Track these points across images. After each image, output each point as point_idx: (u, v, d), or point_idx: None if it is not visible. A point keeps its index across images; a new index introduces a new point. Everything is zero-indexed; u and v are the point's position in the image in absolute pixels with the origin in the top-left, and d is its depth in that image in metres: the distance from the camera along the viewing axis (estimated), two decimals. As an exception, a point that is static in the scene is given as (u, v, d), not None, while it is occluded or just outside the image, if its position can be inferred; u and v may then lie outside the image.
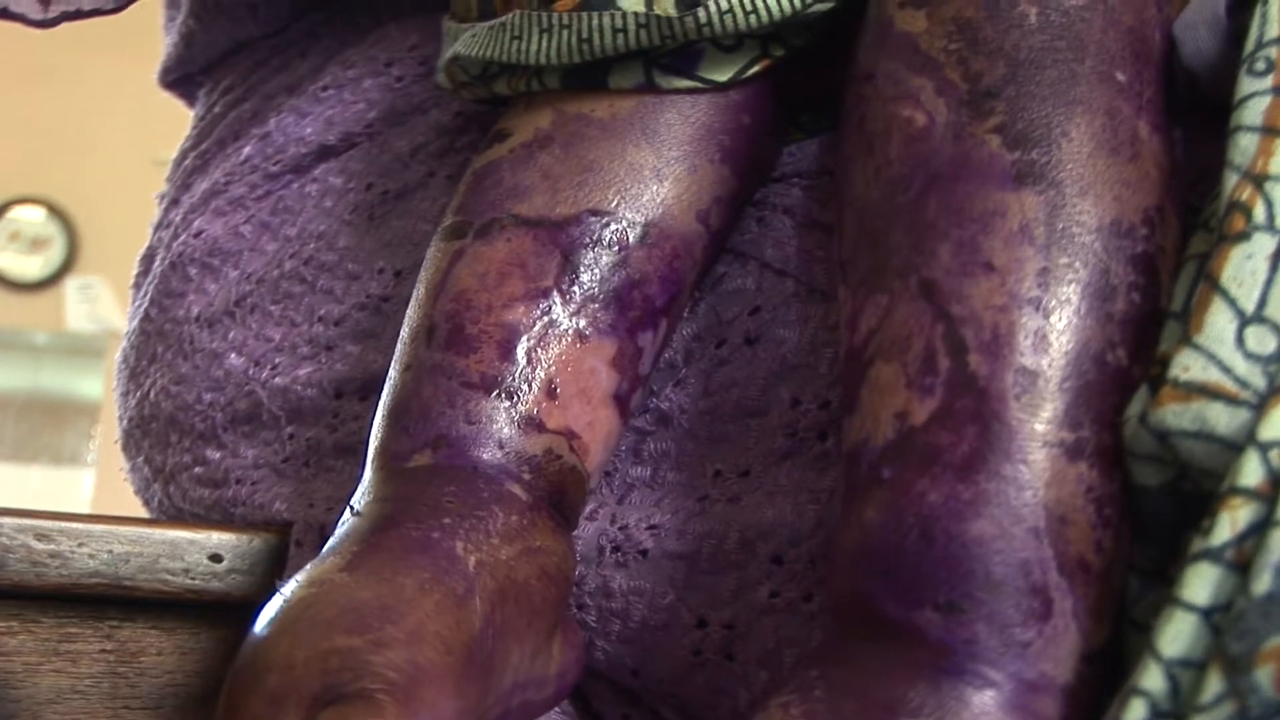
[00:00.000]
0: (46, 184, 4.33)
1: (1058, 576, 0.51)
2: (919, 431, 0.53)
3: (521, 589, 0.57)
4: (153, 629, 0.69)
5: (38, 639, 0.68)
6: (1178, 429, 0.51)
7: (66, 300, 4.31)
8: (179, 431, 0.80)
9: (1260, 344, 0.51)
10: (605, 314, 0.62)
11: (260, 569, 0.70)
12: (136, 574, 0.68)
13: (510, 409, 0.60)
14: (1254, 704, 0.46)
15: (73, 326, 4.31)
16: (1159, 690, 0.48)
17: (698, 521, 0.63)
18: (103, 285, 4.29)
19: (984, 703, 0.50)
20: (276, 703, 0.50)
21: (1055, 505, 0.51)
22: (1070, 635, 0.51)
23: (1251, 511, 0.49)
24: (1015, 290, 0.53)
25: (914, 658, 0.51)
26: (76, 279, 4.32)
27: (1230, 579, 0.48)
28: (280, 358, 0.76)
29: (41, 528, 0.67)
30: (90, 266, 4.32)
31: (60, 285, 4.33)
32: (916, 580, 0.51)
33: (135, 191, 3.55)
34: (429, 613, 0.53)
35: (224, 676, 0.69)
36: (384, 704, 0.49)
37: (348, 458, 0.73)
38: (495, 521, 0.57)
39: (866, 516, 0.53)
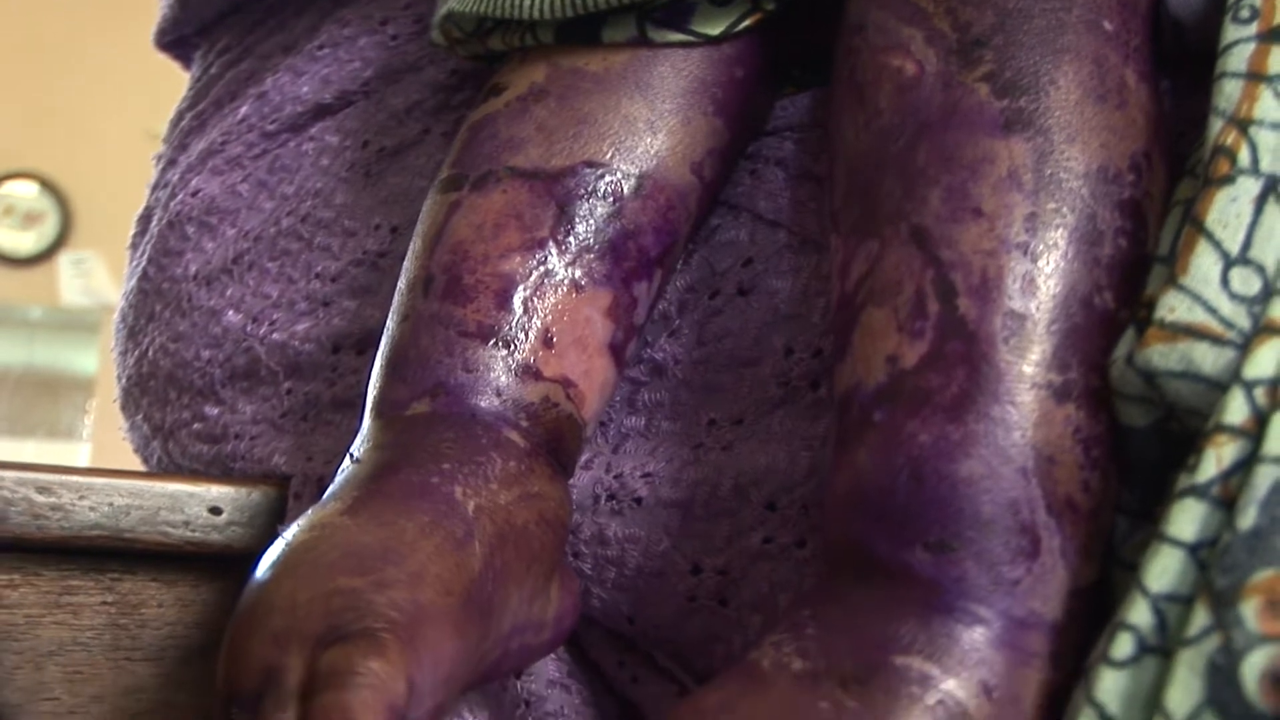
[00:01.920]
0: (39, 159, 4.32)
1: (1046, 515, 0.52)
2: (909, 374, 0.54)
3: (520, 533, 0.57)
4: (153, 581, 0.70)
5: (39, 591, 0.68)
6: (1164, 369, 0.52)
7: (60, 275, 4.31)
8: (178, 389, 0.81)
9: (1245, 285, 0.52)
10: (600, 264, 0.62)
11: (260, 521, 0.71)
12: (137, 526, 0.68)
13: (507, 357, 0.61)
14: (1238, 636, 0.47)
15: (67, 301, 4.31)
16: (1146, 624, 0.49)
17: (692, 469, 0.64)
18: (96, 259, 4.28)
19: (973, 639, 0.51)
20: (280, 643, 0.51)
21: (1043, 446, 0.52)
22: (1058, 573, 0.52)
23: (1237, 448, 0.49)
24: (1004, 235, 0.54)
25: (905, 596, 0.52)
26: (70, 253, 4.31)
27: (1216, 515, 0.49)
28: (278, 314, 0.77)
29: (43, 481, 0.68)
30: (84, 241, 4.31)
31: (54, 260, 4.33)
32: (907, 520, 0.52)
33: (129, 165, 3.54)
34: (429, 555, 0.53)
35: (224, 628, 0.70)
36: (387, 642, 0.50)
37: (346, 412, 0.74)
38: (493, 467, 0.58)
39: (858, 459, 0.54)
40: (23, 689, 0.68)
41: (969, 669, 0.50)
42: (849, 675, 0.50)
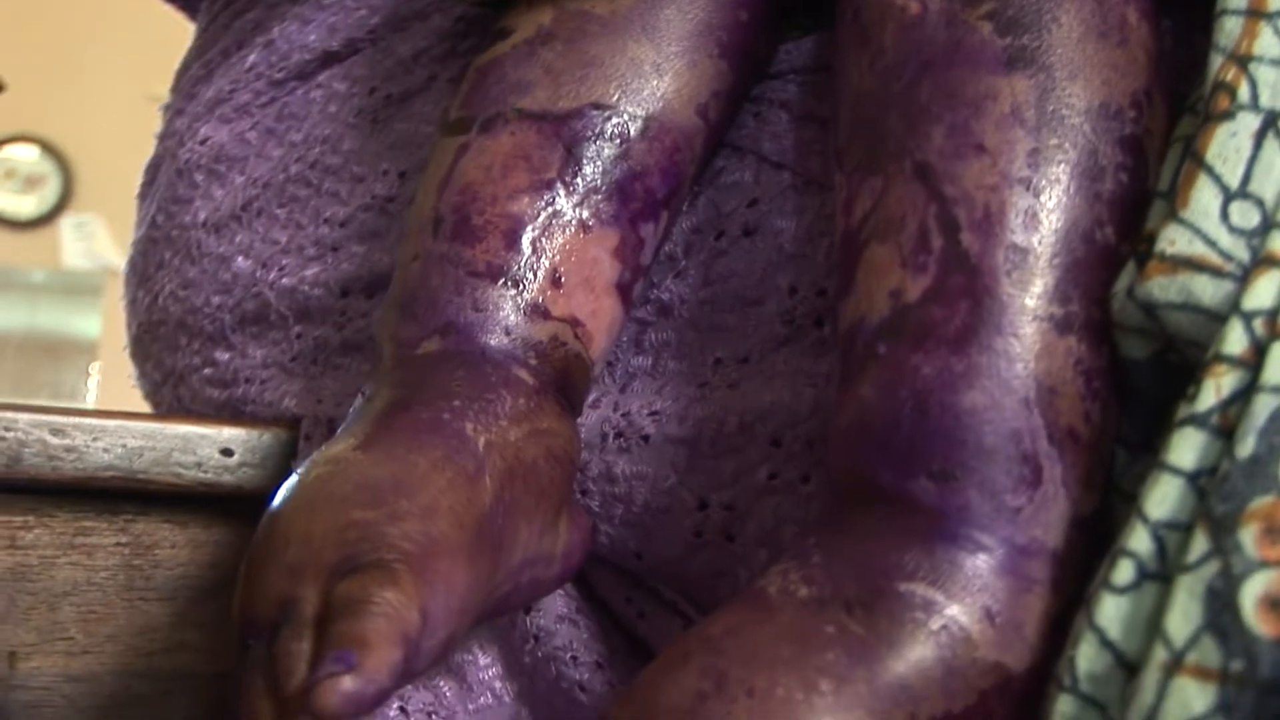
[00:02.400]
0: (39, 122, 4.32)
1: (1047, 445, 0.53)
2: (913, 308, 0.54)
3: (529, 469, 0.58)
4: (166, 523, 0.71)
5: (54, 533, 0.69)
6: (1164, 301, 0.52)
7: (62, 238, 4.32)
8: (188, 334, 0.81)
9: (1244, 218, 0.52)
10: (607, 205, 0.63)
11: (271, 463, 0.71)
12: (150, 468, 0.69)
13: (516, 297, 0.61)
14: (1237, 562, 0.48)
15: (69, 264, 4.32)
16: (1146, 551, 0.50)
17: (698, 407, 0.64)
18: (98, 223, 4.28)
19: (976, 566, 0.52)
20: (295, 574, 0.52)
21: (1045, 377, 0.53)
22: (1060, 502, 0.53)
23: (1236, 378, 0.50)
24: (1006, 170, 0.55)
25: (909, 524, 0.53)
26: (72, 216, 4.32)
27: (1215, 444, 0.50)
28: (287, 259, 0.78)
29: (56, 423, 0.68)
30: (86, 204, 4.31)
31: (56, 223, 4.33)
32: (911, 450, 0.53)
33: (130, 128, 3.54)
34: (441, 489, 0.54)
35: (237, 568, 0.71)
36: (400, 572, 0.51)
37: (354, 355, 0.74)
38: (503, 404, 0.59)
39: (863, 391, 0.55)
40: (38, 629, 0.69)
41: (972, 595, 0.51)
42: (854, 601, 0.51)
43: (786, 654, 0.50)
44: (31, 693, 0.69)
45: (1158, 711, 0.48)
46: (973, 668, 0.51)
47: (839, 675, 0.50)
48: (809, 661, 0.50)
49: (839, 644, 0.50)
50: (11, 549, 0.68)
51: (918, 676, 0.50)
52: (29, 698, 0.69)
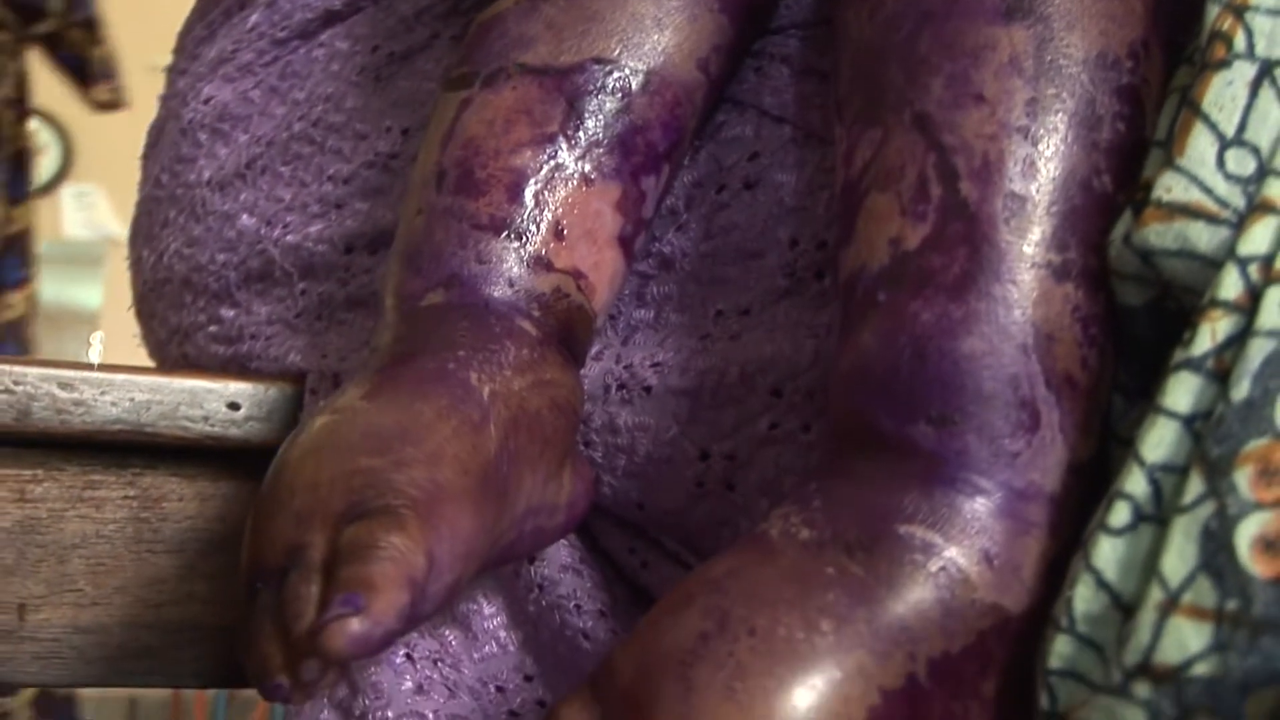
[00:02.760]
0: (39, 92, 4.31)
1: (1045, 391, 0.53)
2: (912, 255, 0.55)
3: (533, 418, 0.59)
4: (174, 476, 0.72)
5: (62, 486, 0.70)
6: (1160, 248, 0.53)
7: (63, 208, 4.32)
8: (193, 292, 0.82)
9: (1240, 165, 0.53)
10: (609, 158, 0.64)
11: (277, 417, 0.72)
12: (158, 421, 0.70)
13: (519, 249, 0.62)
14: (1232, 503, 0.49)
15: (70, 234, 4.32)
16: (1142, 493, 0.51)
17: (700, 358, 0.65)
18: (99, 193, 4.29)
19: (975, 509, 0.52)
20: (303, 521, 0.52)
21: (1043, 323, 0.54)
22: (1057, 447, 0.53)
23: (1231, 323, 0.51)
24: (1005, 119, 0.55)
25: (908, 468, 0.53)
26: (73, 186, 4.32)
27: (1210, 388, 0.51)
28: (291, 216, 0.78)
29: (65, 377, 0.69)
30: (86, 174, 4.31)
31: (56, 193, 4.33)
32: (910, 396, 0.54)
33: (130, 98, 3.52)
34: (446, 437, 0.55)
35: (243, 521, 0.72)
36: (406, 518, 0.51)
37: (359, 311, 0.75)
38: (507, 355, 0.60)
39: (863, 339, 0.55)
40: (47, 581, 0.70)
41: (970, 537, 0.52)
42: (854, 543, 0.52)
43: (788, 594, 0.51)
44: (41, 644, 0.70)
45: (1153, 651, 0.48)
46: (971, 609, 0.52)
47: (840, 615, 0.50)
48: (810, 602, 0.51)
49: (839, 585, 0.51)
50: (21, 502, 0.69)
51: (917, 617, 0.51)
52: (38, 649, 0.70)
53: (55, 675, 0.70)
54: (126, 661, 0.71)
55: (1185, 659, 0.48)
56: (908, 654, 0.51)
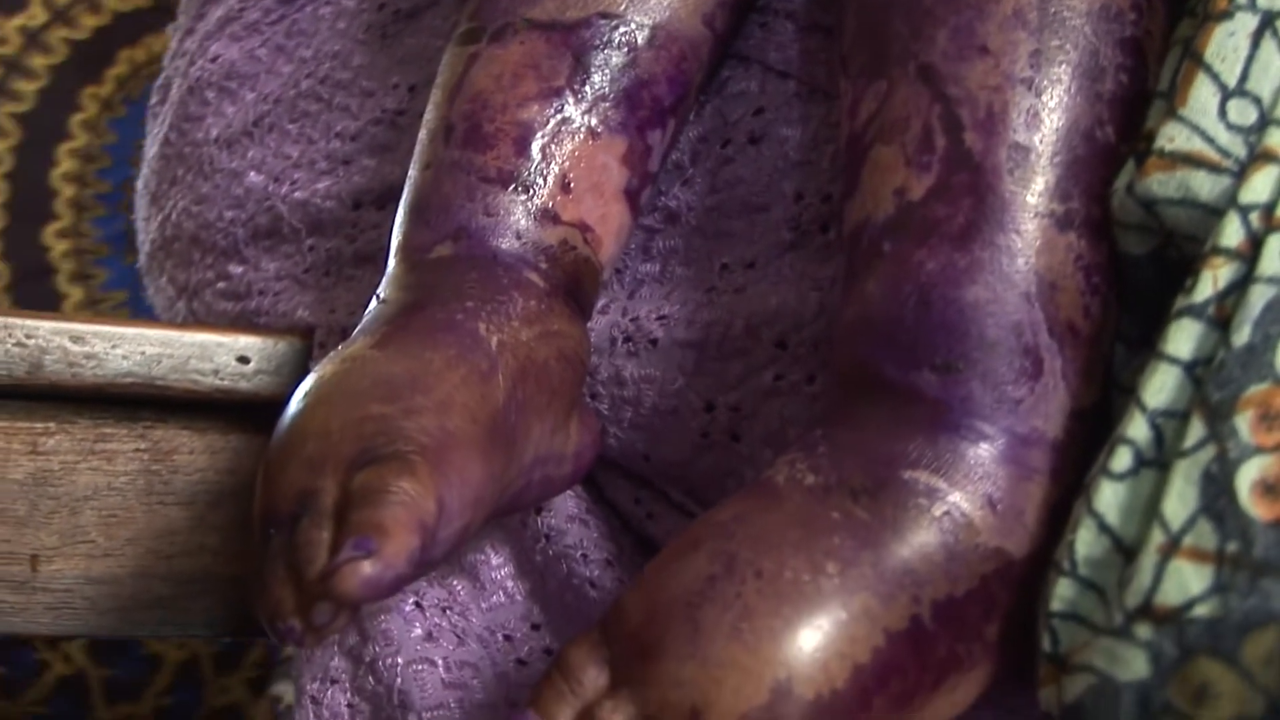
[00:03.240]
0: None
1: (1048, 338, 0.54)
2: (917, 206, 0.56)
3: (541, 369, 0.60)
4: (184, 429, 0.72)
5: (74, 439, 0.71)
6: (1163, 197, 0.54)
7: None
8: (201, 249, 0.83)
9: (1241, 115, 0.54)
10: (616, 112, 0.64)
11: (286, 370, 0.73)
12: (168, 374, 0.71)
13: (527, 202, 0.63)
14: (1233, 447, 0.49)
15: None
16: (1143, 439, 0.52)
17: (705, 311, 0.66)
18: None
19: (979, 455, 0.53)
20: (314, 468, 0.53)
21: (1046, 272, 0.54)
22: (1060, 393, 0.54)
23: (1232, 270, 0.52)
24: (1009, 71, 0.56)
25: (913, 415, 0.54)
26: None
27: (1212, 334, 0.51)
28: (299, 173, 0.79)
29: (76, 330, 0.70)
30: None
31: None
32: (915, 343, 0.54)
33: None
34: (455, 385, 0.56)
35: (253, 474, 0.72)
36: (417, 464, 0.52)
37: (367, 266, 0.76)
38: (515, 305, 0.60)
39: (868, 288, 0.56)
40: (59, 532, 0.70)
41: (974, 483, 0.53)
42: (859, 488, 0.53)
43: (794, 538, 0.52)
44: (54, 595, 0.70)
45: (1155, 593, 0.49)
46: (974, 553, 0.52)
47: (845, 558, 0.51)
48: (816, 545, 0.51)
49: (845, 529, 0.52)
50: (33, 454, 0.70)
51: (921, 561, 0.52)
52: (51, 600, 0.70)
53: (68, 626, 0.71)
54: (138, 612, 0.71)
55: (1186, 600, 0.49)
56: (912, 596, 0.51)
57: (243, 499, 0.73)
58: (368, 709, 0.65)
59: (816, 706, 0.50)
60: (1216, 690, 0.48)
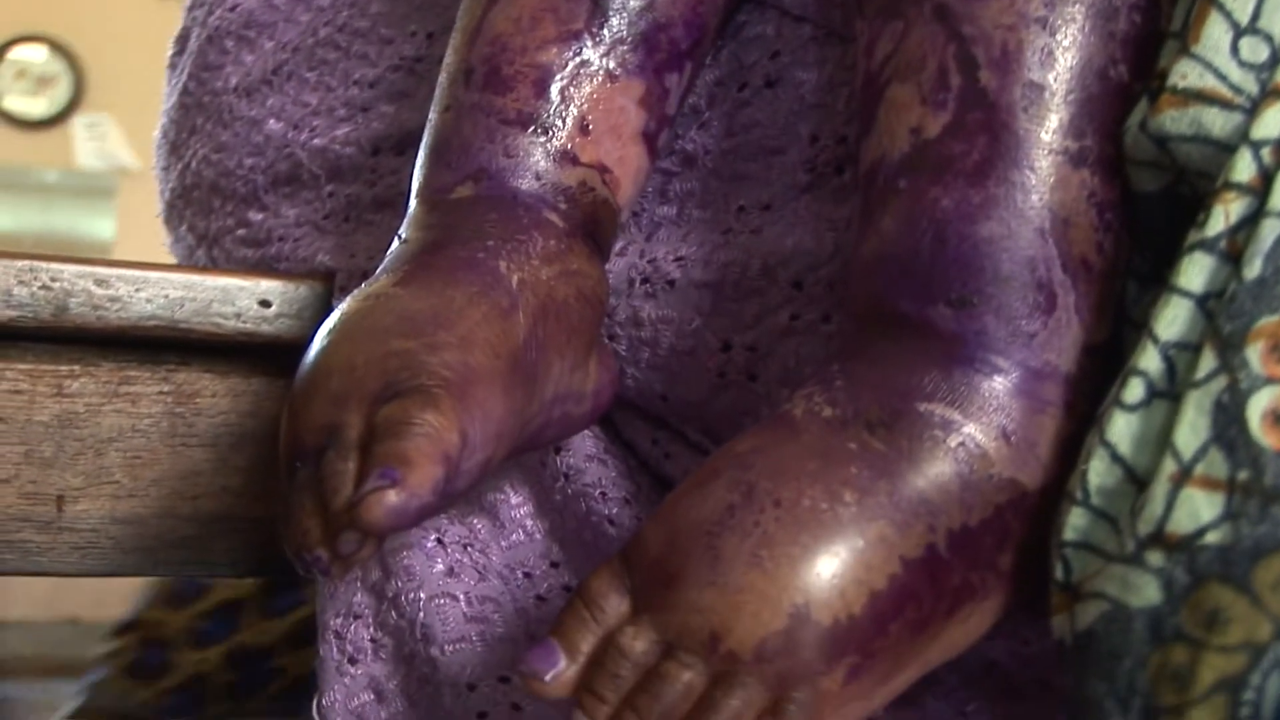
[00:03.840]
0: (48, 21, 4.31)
1: (1061, 274, 0.55)
2: (933, 143, 0.56)
3: (561, 307, 0.61)
4: (207, 372, 0.73)
5: (99, 381, 0.72)
6: (1175, 133, 0.54)
7: (75, 138, 4.32)
8: (221, 197, 0.84)
9: (1253, 53, 0.54)
10: (633, 55, 0.65)
11: (307, 314, 0.74)
12: (191, 318, 0.71)
13: (546, 143, 0.63)
14: (1244, 378, 0.50)
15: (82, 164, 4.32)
16: (1155, 370, 0.52)
17: (722, 252, 0.66)
18: (110, 122, 4.29)
19: (992, 388, 0.54)
20: (339, 402, 0.54)
21: (1059, 208, 0.55)
22: (1073, 328, 0.55)
23: (1244, 205, 0.52)
24: (1023, 10, 0.56)
25: (928, 348, 0.55)
26: (84, 116, 4.32)
27: (1224, 268, 0.52)
28: (318, 120, 0.80)
29: (100, 274, 0.71)
30: (97, 104, 4.32)
31: (68, 123, 4.33)
32: (930, 278, 0.55)
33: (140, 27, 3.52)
34: (477, 321, 0.57)
35: (275, 417, 0.74)
36: (440, 397, 0.53)
37: (386, 211, 0.77)
38: (535, 245, 0.61)
39: (884, 225, 0.57)
40: (85, 473, 0.71)
41: (988, 415, 0.54)
42: (876, 420, 0.54)
43: (811, 468, 0.53)
44: (79, 535, 0.71)
45: (1166, 520, 0.50)
46: (989, 483, 0.53)
47: (862, 488, 0.52)
48: (833, 475, 0.52)
49: (861, 459, 0.53)
50: (59, 396, 0.71)
51: (936, 491, 0.53)
52: (77, 540, 0.71)
53: (93, 565, 0.72)
54: (163, 551, 0.73)
55: (1197, 528, 0.49)
56: (927, 525, 0.52)
57: (264, 441, 0.74)
58: (390, 643, 0.67)
59: (834, 632, 0.51)
60: (1227, 615, 0.48)
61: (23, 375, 0.70)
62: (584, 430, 0.67)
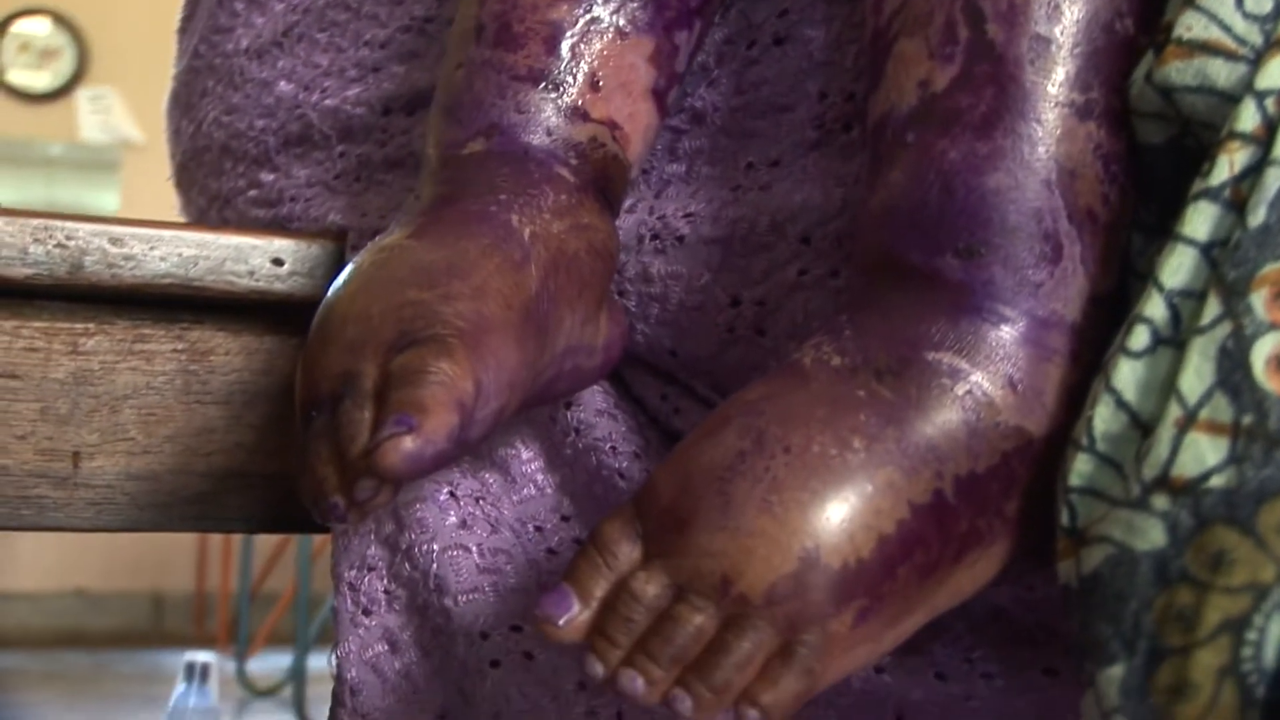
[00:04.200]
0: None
1: (1067, 224, 0.56)
2: (940, 96, 0.57)
3: (572, 260, 0.61)
4: (220, 330, 0.74)
5: (114, 339, 0.72)
6: (1181, 84, 0.55)
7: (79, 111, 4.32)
8: (233, 158, 0.84)
9: (1258, 5, 0.55)
10: (643, 13, 0.66)
11: (319, 272, 0.74)
12: (205, 275, 0.72)
13: (557, 99, 0.64)
14: (1248, 324, 0.51)
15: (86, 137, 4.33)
16: (1161, 318, 0.53)
17: (731, 208, 0.67)
18: (114, 96, 4.29)
19: (1000, 336, 0.55)
20: (355, 351, 0.55)
21: (1066, 160, 0.56)
22: (1078, 278, 0.56)
23: (1248, 154, 0.53)
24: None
25: (936, 298, 0.56)
26: (88, 90, 4.32)
27: (1228, 216, 0.53)
28: (329, 81, 0.80)
29: (115, 232, 0.71)
30: (101, 77, 4.32)
31: (71, 96, 4.33)
32: (938, 229, 0.56)
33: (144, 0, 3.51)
34: (490, 273, 0.57)
35: (287, 374, 0.74)
36: (454, 346, 0.54)
37: (397, 171, 0.77)
38: (546, 199, 0.62)
39: (892, 177, 0.58)
40: (100, 430, 0.72)
41: (995, 363, 0.55)
42: (884, 368, 0.55)
43: (821, 415, 0.53)
44: (95, 490, 0.72)
45: (1172, 465, 0.51)
46: (995, 431, 0.54)
47: (870, 434, 0.53)
48: (842, 421, 0.53)
49: (870, 407, 0.54)
50: (74, 354, 0.71)
51: (944, 438, 0.54)
52: (93, 495, 0.72)
53: (109, 521, 0.73)
54: (177, 507, 0.73)
55: (1202, 471, 0.50)
56: (935, 472, 0.53)
57: (277, 398, 0.74)
58: (404, 594, 0.67)
59: (843, 575, 0.51)
60: (1232, 557, 0.49)
61: (38, 333, 0.71)
62: (594, 385, 0.68)
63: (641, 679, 0.51)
